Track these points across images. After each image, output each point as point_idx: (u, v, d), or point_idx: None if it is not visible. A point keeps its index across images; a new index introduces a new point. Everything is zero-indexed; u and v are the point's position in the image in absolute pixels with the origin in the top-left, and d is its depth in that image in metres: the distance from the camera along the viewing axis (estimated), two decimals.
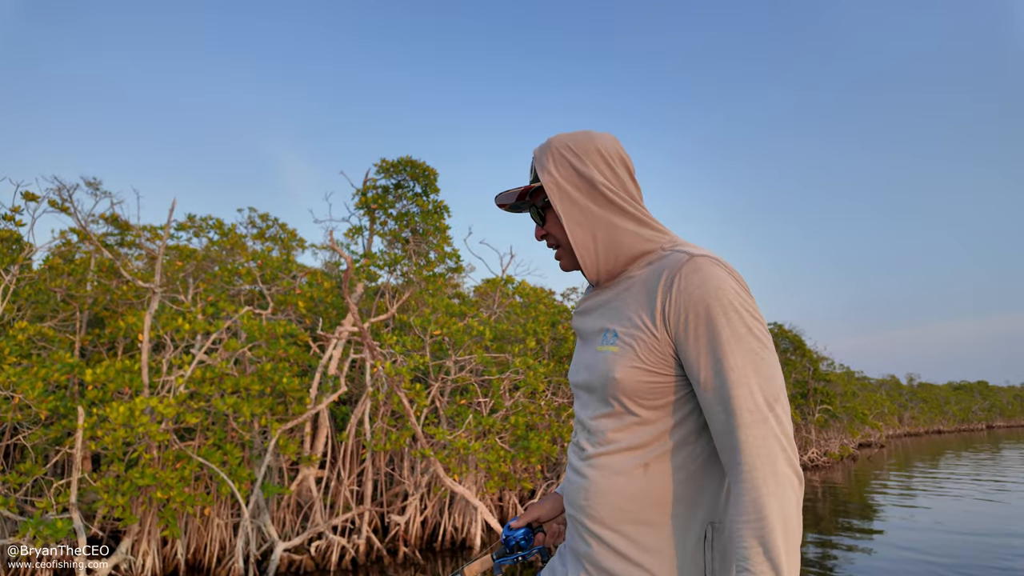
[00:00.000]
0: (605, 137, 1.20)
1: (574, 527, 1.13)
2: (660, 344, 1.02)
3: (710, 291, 0.98)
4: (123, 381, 6.73)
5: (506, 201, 1.27)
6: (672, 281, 1.02)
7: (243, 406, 6.82)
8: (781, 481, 0.90)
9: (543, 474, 11.01)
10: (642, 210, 1.16)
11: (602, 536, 1.06)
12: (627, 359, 1.04)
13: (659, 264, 1.07)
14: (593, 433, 1.12)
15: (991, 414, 58.12)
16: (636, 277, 1.11)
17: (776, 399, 0.95)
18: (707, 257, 1.02)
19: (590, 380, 1.13)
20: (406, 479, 8.78)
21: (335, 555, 7.46)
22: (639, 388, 1.04)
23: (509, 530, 1.39)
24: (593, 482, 1.08)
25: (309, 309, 9.23)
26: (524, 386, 8.80)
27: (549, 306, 12.76)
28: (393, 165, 9.69)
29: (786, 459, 0.92)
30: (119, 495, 6.06)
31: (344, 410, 9.25)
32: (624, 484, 1.05)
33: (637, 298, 1.08)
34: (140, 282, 7.24)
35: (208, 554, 7.27)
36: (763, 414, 0.93)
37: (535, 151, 1.23)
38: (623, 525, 1.04)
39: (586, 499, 1.09)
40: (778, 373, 0.98)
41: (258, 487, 7.05)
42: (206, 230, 10.02)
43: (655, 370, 1.03)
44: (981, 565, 7.25)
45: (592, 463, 1.10)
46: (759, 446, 0.91)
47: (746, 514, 0.90)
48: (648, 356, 1.03)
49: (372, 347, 7.80)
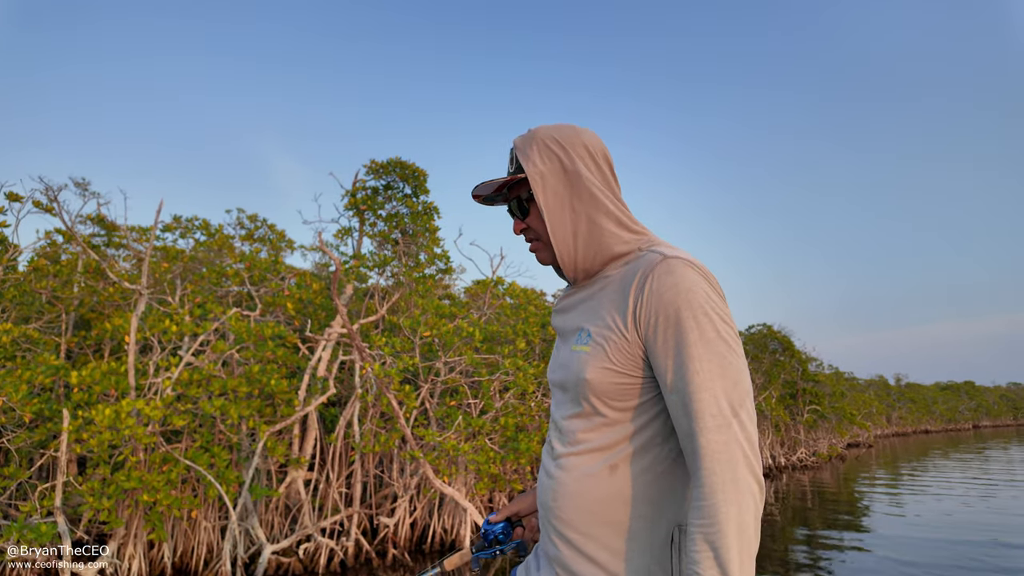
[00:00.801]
0: (588, 132, 1.18)
1: (544, 528, 1.13)
2: (630, 345, 1.01)
3: (680, 293, 0.97)
4: (109, 383, 6.68)
5: (484, 192, 1.21)
6: (644, 282, 1.01)
7: (231, 408, 6.79)
8: (741, 487, 0.89)
9: (532, 475, 11.01)
10: (623, 209, 1.15)
11: (570, 538, 1.05)
12: (598, 360, 1.04)
13: (634, 264, 1.07)
14: (564, 433, 1.12)
15: (977, 414, 58.71)
16: (612, 277, 1.10)
17: (741, 405, 0.93)
18: (680, 259, 1.01)
19: (564, 379, 1.13)
20: (395, 481, 8.76)
21: (323, 557, 7.43)
22: (609, 389, 1.03)
23: (488, 524, 1.40)
24: (561, 483, 1.08)
25: (298, 311, 9.19)
26: (514, 387, 8.80)
27: (539, 307, 12.78)
28: (383, 166, 9.68)
29: (747, 465, 0.90)
30: (105, 498, 6.01)
31: (333, 412, 9.21)
32: (591, 485, 1.04)
33: (611, 298, 1.07)
34: (127, 283, 7.18)
35: (195, 557, 7.22)
36: (726, 419, 0.92)
37: (516, 141, 1.20)
38: (590, 527, 1.03)
39: (554, 500, 1.09)
40: (745, 378, 0.96)
41: (246, 489, 7.02)
42: (193, 231, 9.96)
43: (624, 371, 1.02)
44: (967, 564, 7.33)
45: (561, 463, 1.10)
46: (720, 451, 0.90)
47: (702, 519, 0.89)
48: (618, 357, 1.02)
49: (361, 349, 7.78)
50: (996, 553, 7.77)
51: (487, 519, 1.42)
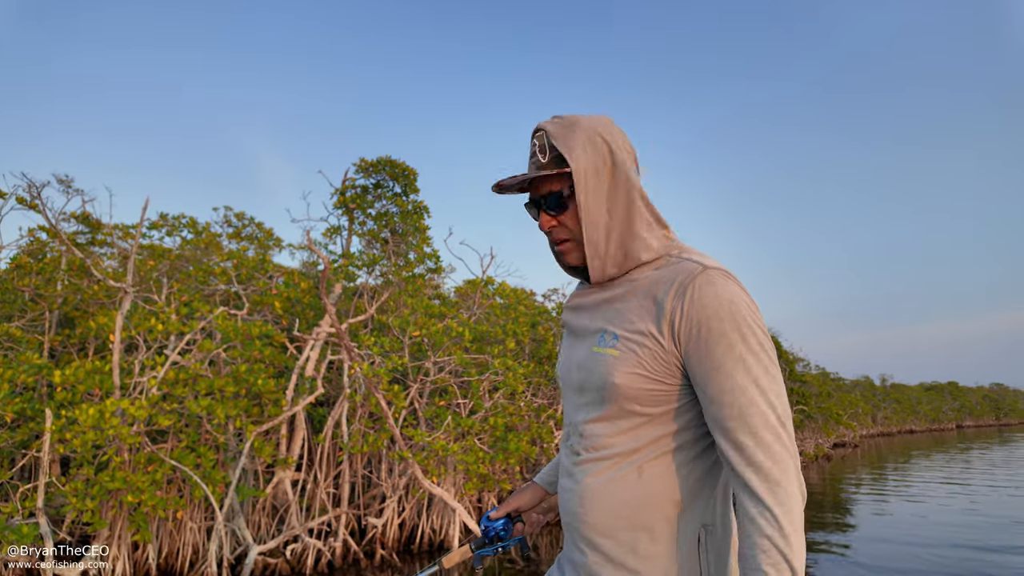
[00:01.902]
0: (620, 128, 1.14)
1: (569, 535, 1.12)
2: (666, 353, 1.00)
3: (723, 305, 0.96)
4: (93, 383, 6.59)
5: (513, 183, 1.11)
6: (684, 291, 0.99)
7: (217, 408, 6.72)
8: (793, 495, 0.91)
9: (522, 475, 11.00)
10: (655, 211, 1.12)
11: (597, 543, 1.04)
12: (628, 364, 1.02)
13: (667, 271, 1.04)
14: (586, 437, 1.10)
15: (961, 414, 59.44)
16: (640, 280, 1.08)
17: (788, 417, 0.95)
18: (720, 270, 1.00)
19: (584, 381, 1.11)
20: (384, 481, 8.72)
21: (311, 558, 7.38)
22: (639, 394, 1.02)
23: (488, 520, 1.39)
24: (587, 488, 1.07)
25: (286, 310, 9.12)
26: (503, 387, 8.79)
27: (529, 307, 12.77)
28: (372, 164, 9.63)
29: (798, 477, 0.93)
30: (88, 499, 5.93)
31: (321, 412, 9.15)
32: (618, 489, 1.03)
33: (642, 303, 1.05)
34: (112, 282, 7.09)
35: (180, 558, 7.14)
36: (777, 432, 0.93)
37: (551, 128, 1.10)
38: (618, 532, 1.03)
39: (580, 505, 1.07)
40: (784, 391, 0.98)
41: (232, 490, 6.95)
42: (180, 229, 9.85)
43: (657, 378, 1.01)
44: (950, 562, 7.41)
45: (585, 468, 1.08)
46: (777, 462, 0.92)
47: (761, 531, 0.90)
48: (653, 364, 1.01)
49: (350, 348, 7.73)
50: (974, 557, 7.86)
51: (487, 515, 1.41)
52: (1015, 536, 8.72)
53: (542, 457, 10.78)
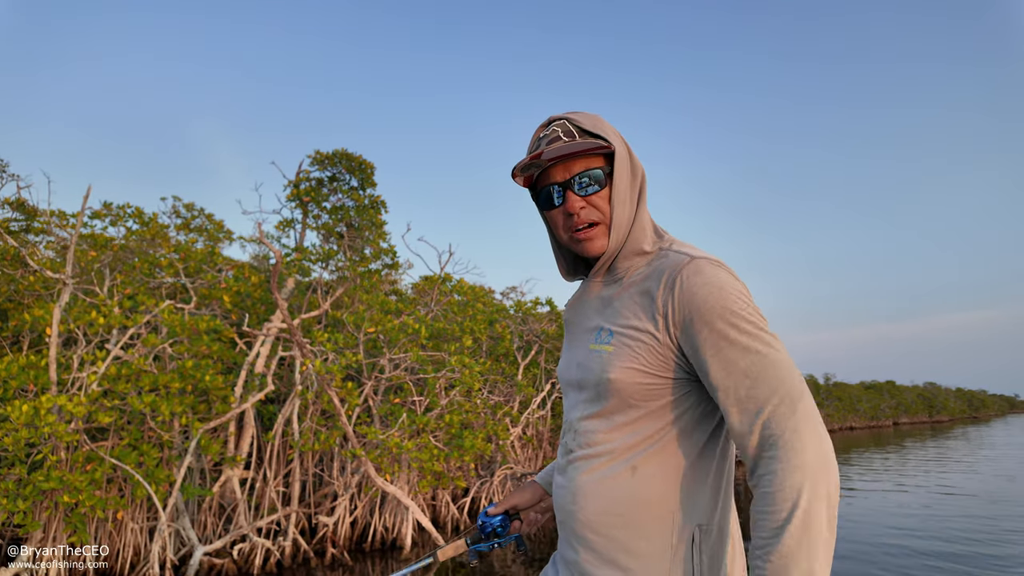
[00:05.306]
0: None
1: (563, 532, 1.11)
2: (661, 347, 1.00)
3: (712, 292, 0.96)
4: (27, 378, 6.28)
5: (559, 153, 1.05)
6: (673, 283, 0.99)
7: (162, 404, 6.50)
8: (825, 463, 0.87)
9: (477, 472, 11.00)
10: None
11: (589, 541, 1.04)
12: (623, 359, 1.02)
13: (658, 264, 1.05)
14: (581, 434, 1.10)
15: (897, 412, 62.11)
16: (634, 274, 1.09)
17: (799, 392, 0.91)
18: (707, 259, 1.01)
19: (582, 378, 1.10)
20: (336, 480, 8.59)
21: (259, 558, 7.22)
22: (635, 390, 1.02)
23: (486, 516, 1.38)
24: (580, 484, 1.06)
25: (235, 304, 8.87)
26: (460, 385, 8.77)
27: (487, 304, 12.77)
28: (328, 157, 9.46)
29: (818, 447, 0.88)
30: (20, 500, 5.66)
31: (271, 409, 8.95)
32: (611, 486, 1.03)
33: (635, 298, 1.05)
34: (49, 272, 6.77)
35: (121, 560, 6.89)
36: (792, 404, 0.90)
37: (577, 117, 1.11)
38: (610, 529, 1.02)
39: (573, 502, 1.07)
40: (792, 363, 0.94)
41: (177, 489, 6.74)
42: (124, 219, 9.46)
43: (653, 372, 1.01)
44: (915, 553, 7.75)
45: (579, 465, 1.08)
46: (794, 436, 0.88)
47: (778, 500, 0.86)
48: (648, 358, 1.01)
49: (302, 344, 7.58)
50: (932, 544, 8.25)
51: (485, 511, 1.40)
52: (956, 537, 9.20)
53: (497, 454, 10.81)
